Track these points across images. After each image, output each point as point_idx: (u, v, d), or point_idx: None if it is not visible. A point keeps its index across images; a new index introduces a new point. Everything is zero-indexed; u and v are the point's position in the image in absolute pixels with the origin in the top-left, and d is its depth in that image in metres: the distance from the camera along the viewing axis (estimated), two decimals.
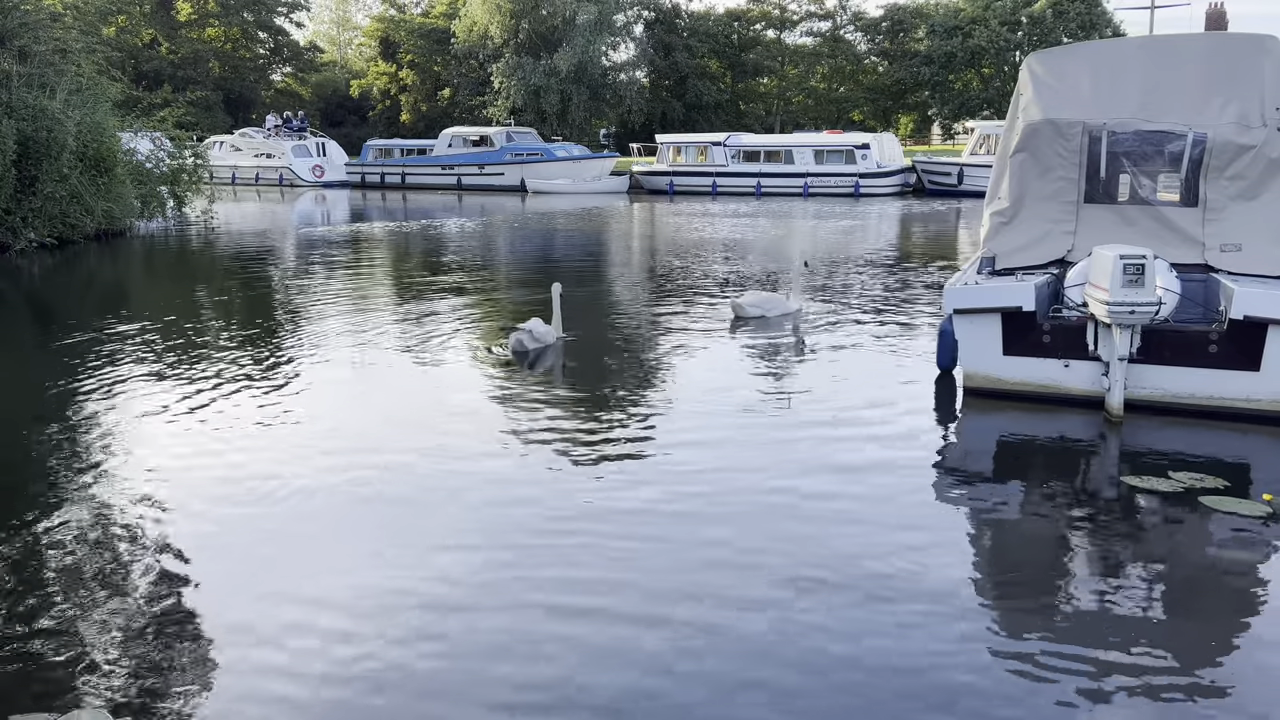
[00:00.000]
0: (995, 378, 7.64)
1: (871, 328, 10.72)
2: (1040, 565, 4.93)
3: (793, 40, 66.40)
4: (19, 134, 18.35)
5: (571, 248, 21.28)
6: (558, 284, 10.28)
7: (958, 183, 35.58)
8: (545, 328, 9.71)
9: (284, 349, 9.97)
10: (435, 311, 12.03)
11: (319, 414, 7.61)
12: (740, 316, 11.17)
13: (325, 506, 5.65)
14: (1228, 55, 8.22)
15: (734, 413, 7.46)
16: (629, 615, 4.29)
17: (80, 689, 3.76)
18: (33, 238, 19.00)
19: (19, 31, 20.61)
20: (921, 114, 65.44)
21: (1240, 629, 4.24)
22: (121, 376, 8.75)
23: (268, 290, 14.98)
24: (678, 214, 29.86)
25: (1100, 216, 8.24)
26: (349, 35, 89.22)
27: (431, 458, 6.45)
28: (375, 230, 25.27)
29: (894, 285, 13.82)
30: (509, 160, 42.69)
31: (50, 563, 4.91)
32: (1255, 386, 6.96)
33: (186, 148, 26.61)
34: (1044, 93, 8.46)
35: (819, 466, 6.21)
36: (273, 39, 70.29)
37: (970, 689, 3.72)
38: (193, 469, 6.28)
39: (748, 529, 5.22)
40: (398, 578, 4.69)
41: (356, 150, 50.75)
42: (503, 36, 57.52)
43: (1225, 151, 7.82)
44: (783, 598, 4.43)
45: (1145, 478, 5.91)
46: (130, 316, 12.29)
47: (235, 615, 4.34)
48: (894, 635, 4.10)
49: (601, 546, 5.02)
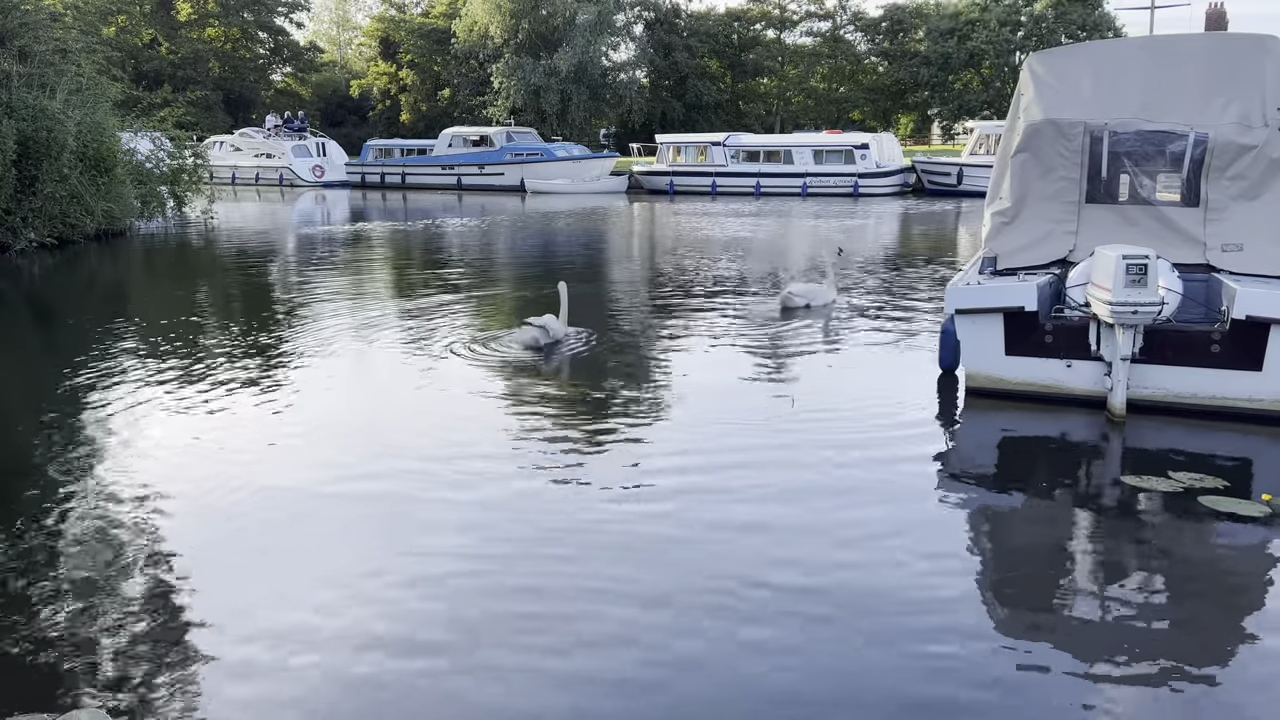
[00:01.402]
0: (997, 378, 7.64)
1: (873, 328, 10.72)
2: (1041, 564, 4.93)
3: (792, 40, 66.50)
4: (19, 134, 18.34)
5: (573, 247, 21.28)
6: (564, 282, 10.39)
7: (957, 183, 35.60)
8: (557, 322, 9.89)
9: (284, 348, 9.97)
10: (437, 311, 12.02)
11: (320, 414, 7.61)
12: (788, 307, 11.45)
13: (327, 507, 5.65)
14: (1228, 55, 8.23)
15: (735, 412, 7.46)
16: (629, 615, 4.29)
17: (79, 689, 3.76)
18: (33, 238, 18.99)
19: (19, 31, 20.61)
20: (921, 114, 65.49)
21: (1240, 629, 4.24)
22: (121, 377, 8.74)
23: (268, 290, 14.99)
24: (677, 214, 29.87)
25: (1102, 216, 8.25)
26: (349, 35, 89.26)
27: (434, 457, 6.44)
28: (376, 230, 25.27)
29: (895, 285, 13.81)
30: (509, 160, 42.69)
31: (50, 562, 4.91)
32: (1257, 386, 6.96)
33: (186, 148, 26.62)
34: (1045, 93, 8.46)
35: (820, 466, 6.21)
36: (273, 39, 70.28)
37: (970, 688, 3.72)
38: (194, 468, 6.27)
39: (747, 528, 5.21)
40: (400, 579, 4.69)
41: (356, 150, 50.74)
42: (503, 36, 57.56)
43: (1226, 151, 7.82)
44: (782, 597, 4.43)
45: (1147, 477, 5.91)
46: (130, 316, 12.29)
47: (236, 615, 4.34)
48: (895, 635, 4.10)
49: (601, 547, 5.02)
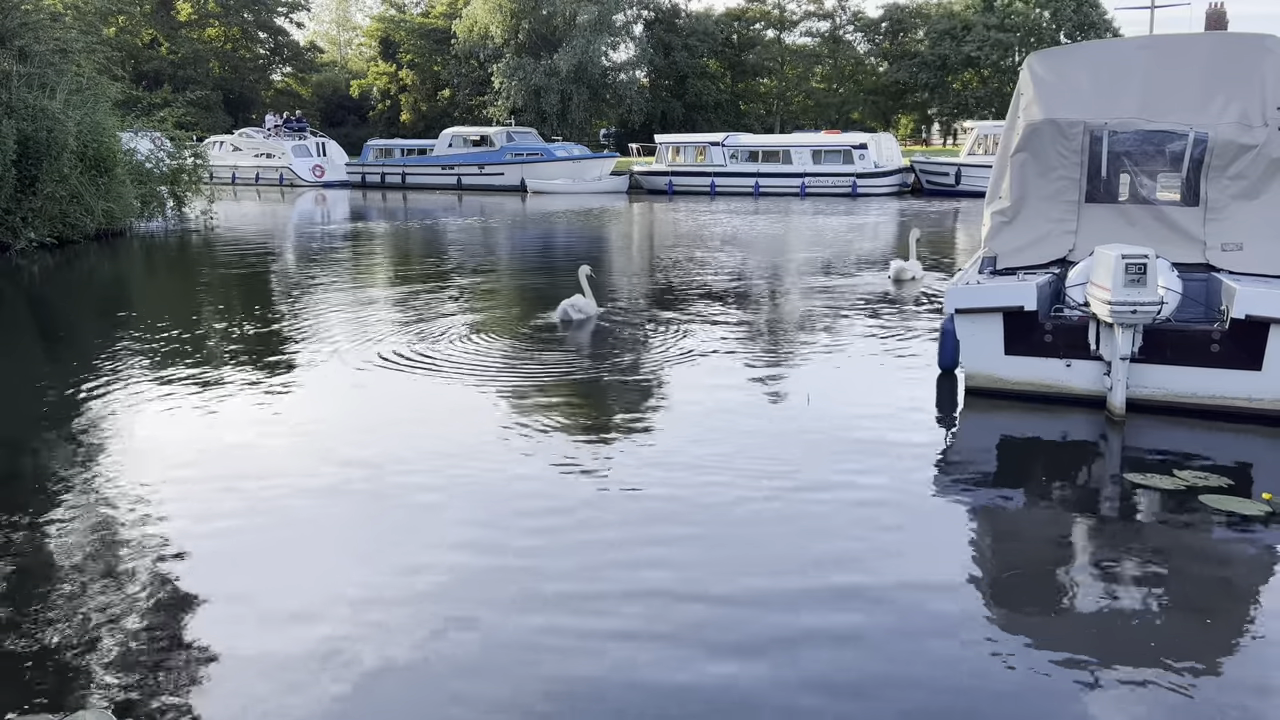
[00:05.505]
0: (997, 377, 7.65)
1: (873, 327, 10.72)
2: (1041, 564, 4.93)
3: (792, 40, 66.49)
4: (19, 134, 18.34)
5: (574, 246, 21.28)
6: (585, 265, 11.38)
7: (955, 183, 35.59)
8: (586, 301, 11.02)
9: (284, 348, 9.97)
10: (438, 309, 12.02)
11: (322, 412, 7.61)
12: (899, 279, 13.65)
13: (329, 505, 5.65)
14: (1228, 55, 8.23)
15: (735, 411, 7.46)
16: (628, 615, 4.29)
17: (83, 689, 3.76)
18: (33, 237, 18.99)
19: (19, 31, 20.61)
20: (921, 114, 65.51)
21: (1240, 629, 4.24)
22: (121, 376, 8.74)
23: (268, 289, 14.99)
24: (676, 213, 29.87)
25: (1101, 216, 8.25)
26: (349, 35, 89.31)
27: (437, 454, 6.44)
28: (376, 229, 25.27)
29: (894, 285, 13.80)
30: (509, 160, 42.69)
31: (52, 562, 4.92)
32: (1257, 386, 6.97)
33: (186, 148, 26.63)
34: (1045, 92, 8.46)
35: (819, 465, 6.21)
36: (273, 39, 70.27)
37: (971, 688, 3.73)
38: (195, 468, 6.27)
39: (747, 528, 5.22)
40: (401, 577, 4.69)
41: (356, 150, 50.74)
42: (503, 36, 57.57)
43: (1226, 151, 7.82)
44: (782, 597, 4.43)
45: (1146, 477, 5.91)
46: (130, 316, 12.29)
47: (239, 613, 4.34)
48: (894, 635, 4.10)
49: (601, 546, 5.03)
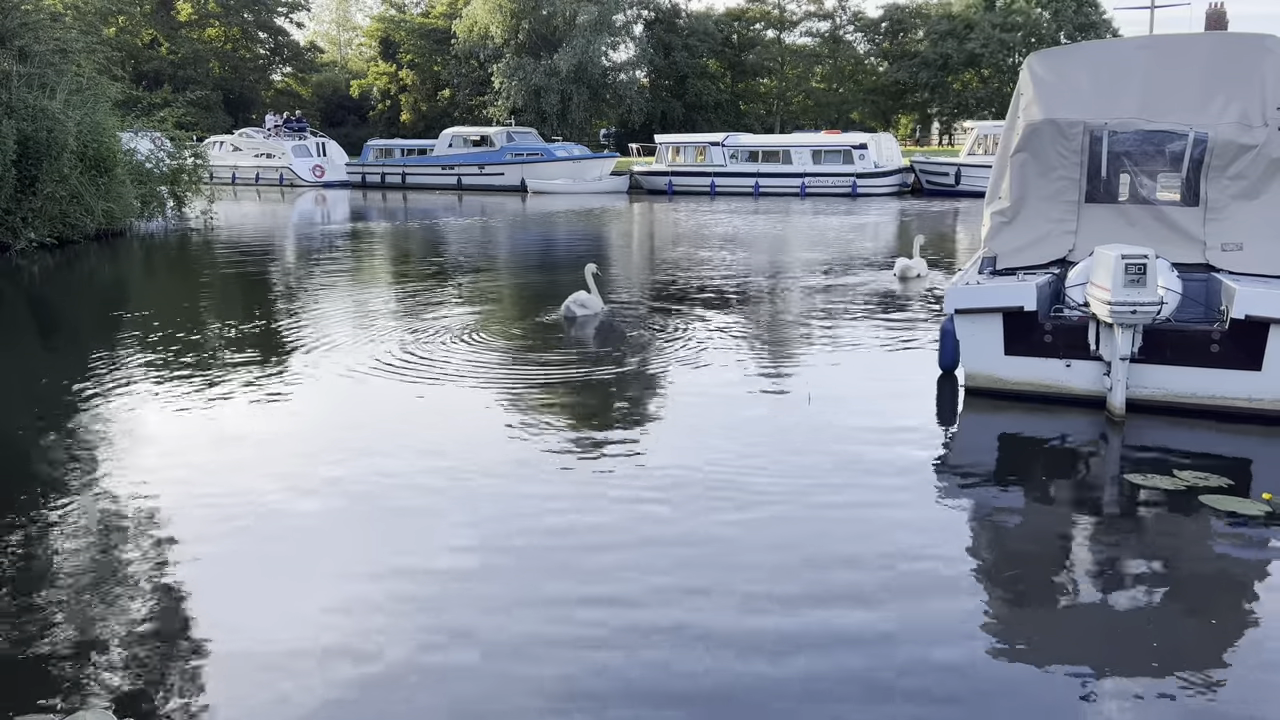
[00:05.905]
0: (997, 377, 7.64)
1: (872, 327, 10.72)
2: (1041, 564, 4.93)
3: (792, 40, 66.52)
4: (19, 134, 18.33)
5: (574, 246, 21.27)
6: (591, 264, 11.49)
7: (955, 183, 35.60)
8: (591, 297, 11.16)
9: (285, 348, 9.96)
10: (438, 311, 12.02)
11: (322, 413, 7.61)
12: (904, 278, 13.92)
13: (329, 505, 5.64)
14: (1228, 55, 8.23)
15: (735, 411, 7.46)
16: (627, 614, 4.30)
17: (84, 689, 3.76)
18: (33, 237, 18.99)
19: (19, 31, 20.61)
20: (921, 114, 65.51)
21: (1240, 628, 4.25)
22: (121, 377, 8.74)
23: (268, 290, 14.99)
24: (677, 213, 29.88)
25: (1101, 216, 8.25)
26: (349, 35, 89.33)
27: (437, 455, 6.43)
28: (376, 230, 25.27)
29: (894, 285, 13.81)
30: (509, 160, 42.70)
31: (53, 562, 4.91)
32: (1257, 386, 6.97)
33: (186, 148, 26.63)
34: (1045, 92, 8.46)
35: (819, 465, 6.21)
36: (273, 39, 70.29)
37: (971, 688, 3.73)
38: (195, 469, 6.27)
39: (746, 528, 5.22)
40: (401, 579, 4.69)
41: (356, 150, 50.76)
42: (503, 36, 57.58)
43: (1226, 151, 7.82)
44: (782, 597, 4.43)
45: (1146, 477, 5.91)
46: (130, 316, 12.29)
47: (240, 613, 4.34)
48: (894, 635, 4.10)
49: (601, 548, 5.02)
